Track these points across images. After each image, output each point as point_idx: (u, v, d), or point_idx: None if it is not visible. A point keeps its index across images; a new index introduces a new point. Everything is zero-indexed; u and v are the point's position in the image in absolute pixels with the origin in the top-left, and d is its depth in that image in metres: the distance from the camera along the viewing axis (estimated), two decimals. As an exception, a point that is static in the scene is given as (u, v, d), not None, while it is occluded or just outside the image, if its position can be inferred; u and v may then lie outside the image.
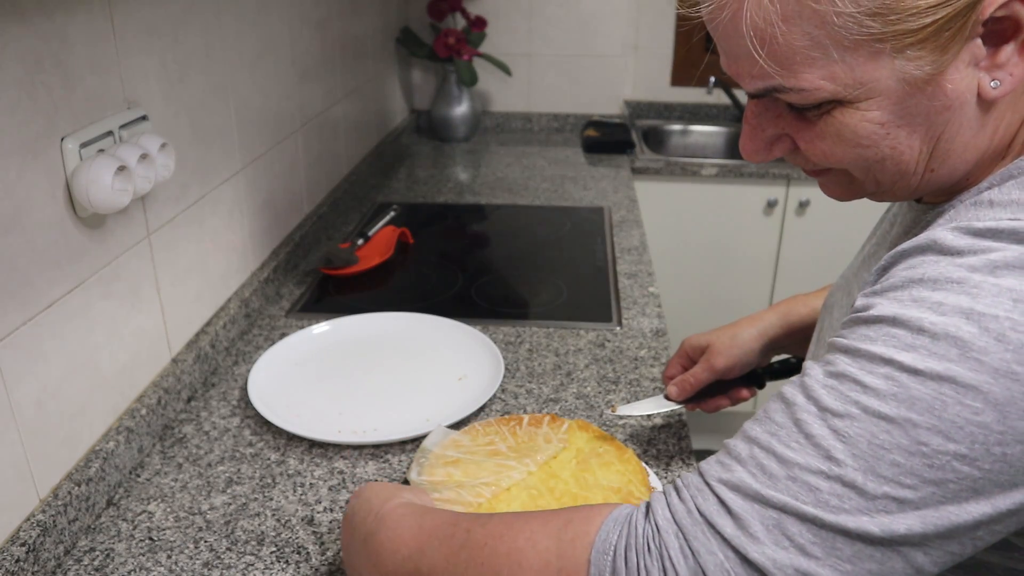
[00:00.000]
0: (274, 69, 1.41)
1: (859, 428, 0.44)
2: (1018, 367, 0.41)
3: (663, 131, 2.64)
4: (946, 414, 0.42)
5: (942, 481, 0.43)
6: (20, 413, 0.79)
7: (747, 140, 0.58)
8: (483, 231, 1.74)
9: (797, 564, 0.44)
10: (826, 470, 0.44)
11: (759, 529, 0.45)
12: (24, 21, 0.76)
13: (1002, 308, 0.42)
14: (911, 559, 0.44)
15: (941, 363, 0.43)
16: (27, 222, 0.78)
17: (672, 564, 0.47)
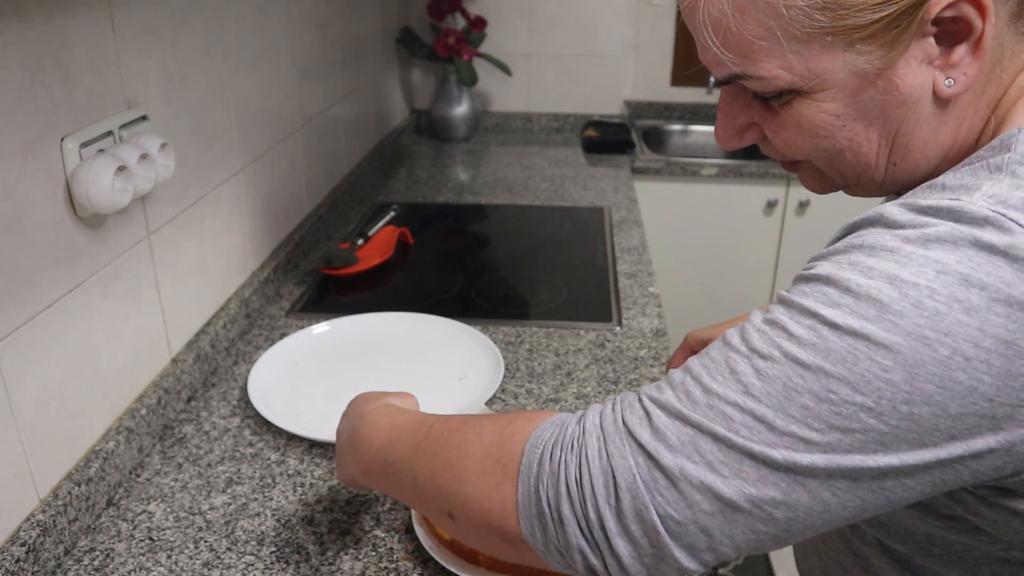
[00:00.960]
0: (274, 69, 1.41)
1: (778, 370, 0.47)
2: (930, 332, 0.43)
3: (663, 131, 2.64)
4: (857, 368, 0.45)
5: (848, 429, 0.45)
6: (20, 413, 0.79)
7: (720, 127, 0.61)
8: (483, 231, 1.74)
9: (704, 478, 0.47)
10: (741, 403, 0.47)
11: (675, 442, 0.48)
12: (24, 21, 0.76)
13: (924, 277, 0.44)
14: (817, 495, 0.46)
15: (859, 321, 0.45)
16: (27, 222, 0.78)
17: (587, 462, 0.50)
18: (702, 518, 0.48)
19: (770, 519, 0.47)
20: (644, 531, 0.49)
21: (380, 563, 0.81)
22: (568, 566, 0.53)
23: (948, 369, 0.43)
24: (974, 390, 0.43)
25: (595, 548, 0.51)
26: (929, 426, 0.44)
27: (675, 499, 0.48)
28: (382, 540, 0.84)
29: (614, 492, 0.50)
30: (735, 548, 0.49)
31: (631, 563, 0.50)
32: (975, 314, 0.43)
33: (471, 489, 0.56)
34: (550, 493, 0.52)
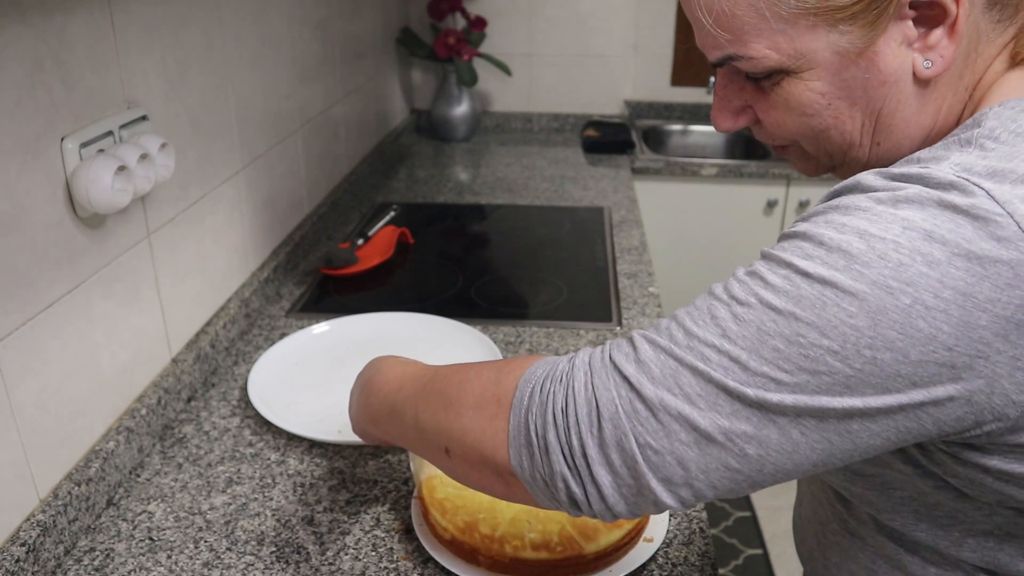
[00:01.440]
0: (274, 69, 1.41)
1: (753, 315, 0.50)
2: (893, 282, 0.46)
3: (663, 131, 2.64)
4: (824, 313, 0.47)
5: (815, 371, 0.48)
6: (20, 413, 0.79)
7: (716, 111, 0.64)
8: (483, 231, 1.74)
9: (682, 409, 0.50)
10: (719, 344, 0.50)
11: (657, 374, 0.51)
12: (24, 21, 0.76)
13: (891, 232, 0.47)
14: (786, 432, 0.49)
15: (829, 270, 0.48)
16: (27, 222, 0.78)
17: (573, 392, 0.54)
18: (679, 448, 0.50)
19: (743, 455, 0.50)
20: (624, 460, 0.52)
21: (380, 563, 0.81)
22: (552, 497, 0.56)
23: (909, 317, 0.46)
24: (934, 338, 0.46)
25: (577, 476, 0.54)
26: (891, 371, 0.47)
27: (654, 429, 0.51)
28: (382, 540, 0.84)
29: (597, 421, 0.52)
30: (710, 486, 0.52)
31: (610, 493, 0.53)
32: (936, 267, 0.46)
33: (467, 422, 0.59)
34: (538, 422, 0.55)
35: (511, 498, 0.60)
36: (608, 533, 0.78)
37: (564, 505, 0.56)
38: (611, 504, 0.54)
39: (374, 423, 0.73)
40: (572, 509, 0.56)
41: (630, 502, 0.53)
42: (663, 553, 0.82)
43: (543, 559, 0.76)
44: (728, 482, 0.51)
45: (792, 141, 0.63)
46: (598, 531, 0.78)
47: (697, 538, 0.84)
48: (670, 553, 0.82)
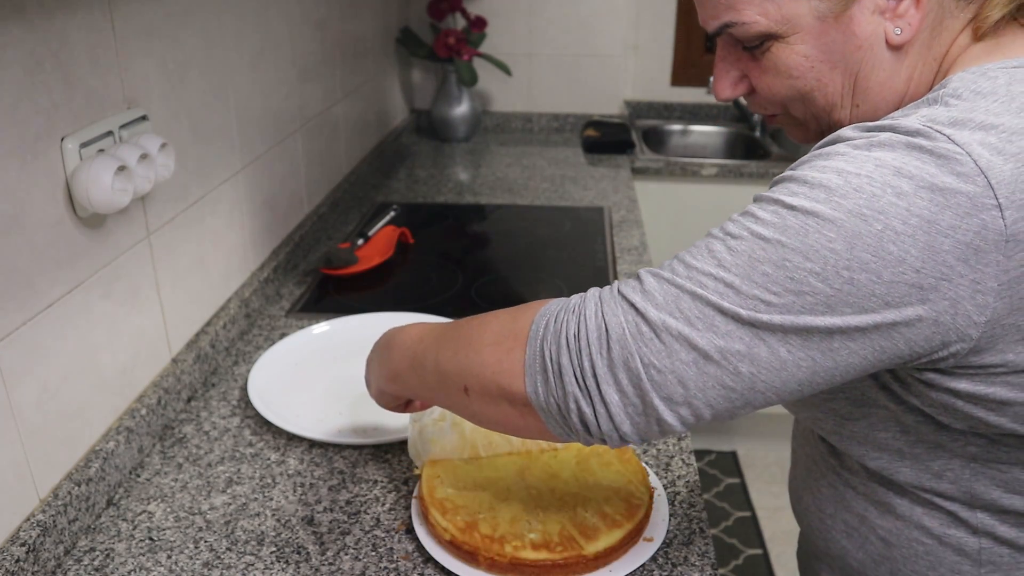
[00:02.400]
0: (274, 69, 1.41)
1: (745, 246, 0.56)
2: (867, 211, 0.52)
3: (663, 131, 2.64)
4: (808, 240, 0.53)
5: (800, 292, 0.53)
6: (20, 413, 0.79)
7: (717, 81, 0.72)
8: (483, 231, 1.74)
9: (682, 330, 0.55)
10: (715, 273, 0.56)
11: (660, 300, 0.57)
12: (24, 21, 0.76)
13: (865, 169, 0.54)
14: (775, 350, 0.54)
15: (811, 203, 0.54)
16: (27, 222, 0.78)
17: (584, 320, 0.59)
18: (679, 367, 0.56)
19: (736, 373, 0.55)
20: (630, 379, 0.57)
21: (380, 563, 0.81)
22: (564, 422, 0.60)
23: (881, 241, 0.52)
24: (903, 261, 0.52)
25: (587, 397, 0.58)
26: (866, 291, 0.52)
27: (658, 349, 0.56)
28: (382, 540, 0.84)
29: (606, 343, 0.57)
30: (707, 405, 0.57)
31: (617, 412, 0.58)
32: (904, 197, 0.52)
33: (485, 357, 0.64)
34: (552, 348, 0.60)
35: (526, 431, 0.64)
36: (608, 533, 0.78)
37: (575, 429, 0.60)
38: (618, 423, 0.58)
39: (394, 378, 0.77)
40: (583, 433, 0.60)
41: (635, 422, 0.58)
42: (663, 553, 0.82)
43: (543, 559, 0.76)
44: (724, 401, 0.56)
45: (782, 107, 0.70)
46: (598, 531, 0.78)
47: (697, 538, 0.84)
48: (670, 553, 0.82)
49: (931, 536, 0.68)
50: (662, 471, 0.94)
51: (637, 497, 0.82)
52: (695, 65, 2.62)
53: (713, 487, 2.42)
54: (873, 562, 0.73)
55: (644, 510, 0.81)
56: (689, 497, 0.90)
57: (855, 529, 0.73)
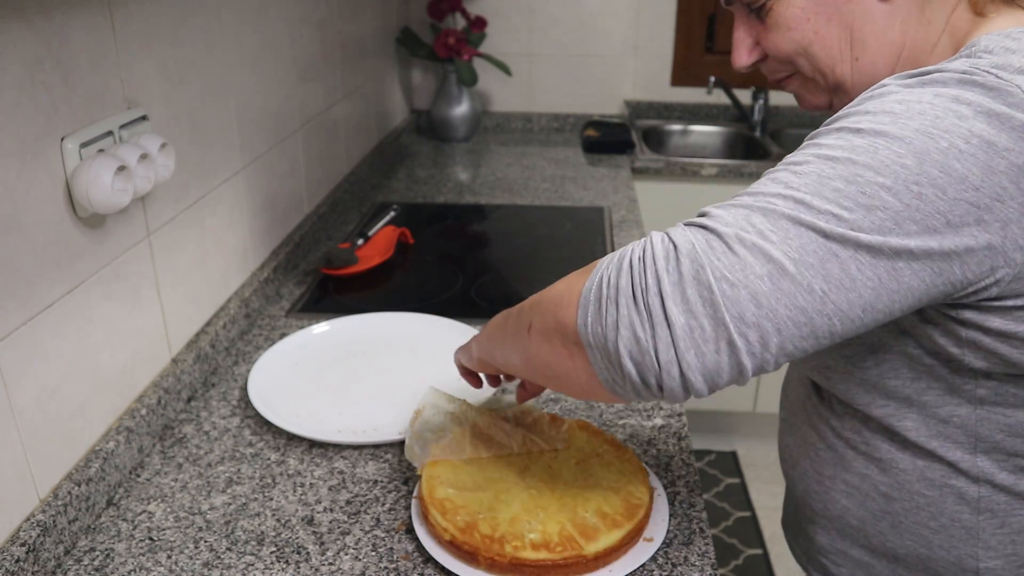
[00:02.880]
0: (274, 69, 1.41)
1: (812, 168, 0.57)
2: (933, 130, 0.55)
3: (663, 131, 2.64)
4: (878, 156, 0.55)
5: (871, 207, 0.54)
6: (20, 413, 0.79)
7: (734, 52, 0.78)
8: (483, 231, 1.74)
9: (756, 241, 0.54)
10: (784, 192, 0.56)
11: (730, 220, 0.56)
12: (24, 21, 0.76)
13: (925, 98, 0.57)
14: (845, 267, 0.54)
15: (878, 125, 0.57)
16: (27, 222, 0.78)
17: (651, 244, 0.57)
18: (753, 281, 0.54)
19: (809, 290, 0.54)
20: (700, 294, 0.54)
21: (380, 563, 0.81)
22: (609, 361, 0.57)
23: (947, 157, 0.55)
24: (965, 179, 0.54)
25: (647, 319, 0.55)
26: (932, 208, 0.54)
27: (731, 262, 0.54)
28: (382, 540, 0.84)
29: (675, 258, 0.55)
30: (777, 330, 0.54)
31: (683, 335, 0.54)
32: (964, 120, 0.55)
33: (552, 291, 0.64)
34: (612, 272, 0.58)
35: (573, 377, 0.62)
36: (608, 533, 0.78)
37: (623, 367, 0.56)
38: (681, 351, 0.54)
39: (485, 338, 0.78)
40: (632, 376, 0.57)
41: (701, 351, 0.54)
42: (663, 553, 0.82)
43: (543, 559, 0.76)
44: (792, 325, 0.54)
45: (791, 66, 0.75)
46: (598, 531, 0.78)
47: (697, 538, 0.84)
48: (670, 553, 0.82)
49: (933, 487, 0.71)
50: (662, 471, 0.94)
51: (637, 497, 0.82)
52: (695, 65, 2.62)
53: (713, 487, 2.42)
54: (873, 518, 0.75)
55: (644, 510, 0.81)
56: (689, 497, 0.90)
57: (856, 488, 0.76)
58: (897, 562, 0.76)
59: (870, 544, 0.77)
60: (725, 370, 0.55)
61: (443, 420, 0.91)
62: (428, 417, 0.92)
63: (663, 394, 0.57)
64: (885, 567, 0.78)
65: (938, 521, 0.72)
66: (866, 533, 0.77)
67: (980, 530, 0.71)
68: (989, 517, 0.71)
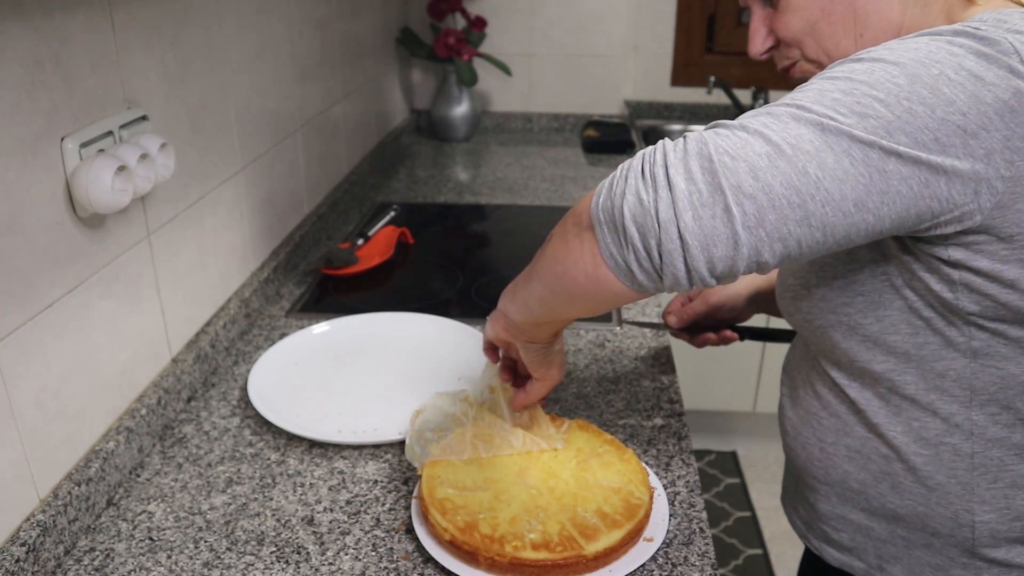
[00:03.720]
0: (274, 69, 1.41)
1: (814, 85, 0.63)
2: (925, 59, 0.61)
3: (663, 131, 2.64)
4: (874, 75, 0.61)
5: (864, 115, 0.59)
6: (20, 413, 0.79)
7: (750, 41, 0.85)
8: (483, 231, 1.74)
9: (758, 127, 0.60)
10: (786, 101, 0.62)
11: (747, 121, 0.61)
12: (24, 21, 0.76)
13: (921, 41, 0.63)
14: (839, 158, 0.59)
15: (877, 54, 0.63)
16: (27, 222, 0.78)
17: (663, 143, 0.63)
18: (752, 157, 0.59)
19: (804, 173, 0.59)
20: (701, 164, 0.59)
21: (380, 563, 0.81)
22: (615, 223, 0.62)
23: (937, 82, 0.60)
24: (952, 103, 0.59)
25: (650, 183, 0.60)
26: (921, 124, 0.59)
27: (733, 141, 0.60)
28: (382, 540, 0.84)
29: (682, 142, 0.62)
30: (772, 206, 0.58)
31: (682, 197, 0.59)
32: (955, 56, 0.61)
33: (576, 204, 0.70)
34: (626, 164, 0.64)
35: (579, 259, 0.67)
36: (608, 533, 0.78)
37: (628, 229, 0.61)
38: (679, 210, 0.59)
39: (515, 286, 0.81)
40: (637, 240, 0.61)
41: (698, 214, 0.59)
42: (663, 553, 0.82)
43: (543, 559, 0.76)
44: (786, 204, 0.59)
45: (799, 49, 0.81)
46: (598, 531, 0.78)
47: (697, 538, 0.84)
48: (670, 553, 0.82)
49: (929, 446, 0.75)
50: (662, 471, 0.94)
51: (637, 497, 0.82)
52: (695, 65, 2.62)
53: (713, 487, 2.42)
54: (874, 480, 0.80)
55: (644, 510, 0.81)
56: (689, 497, 0.90)
57: (857, 452, 0.80)
58: (896, 522, 0.80)
59: (870, 507, 0.81)
60: (721, 239, 0.59)
61: (443, 420, 0.91)
62: (428, 417, 0.92)
63: (662, 264, 0.61)
64: (884, 528, 0.81)
65: (935, 479, 0.76)
66: (866, 496, 0.81)
67: (975, 485, 0.75)
68: (983, 472, 0.75)
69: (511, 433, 0.89)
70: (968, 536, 0.77)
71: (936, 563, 0.80)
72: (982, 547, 0.77)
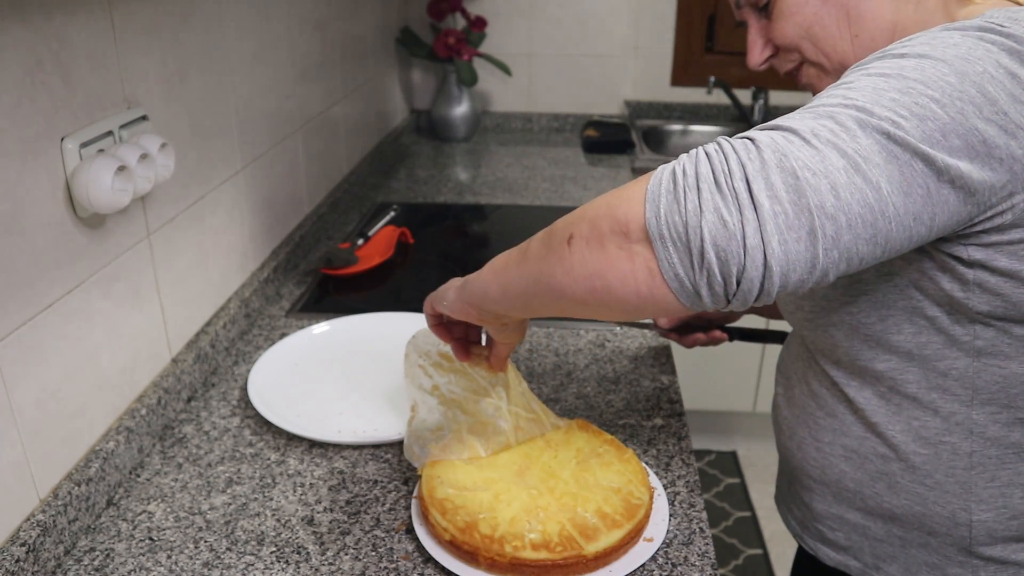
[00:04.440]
0: (274, 69, 1.41)
1: (866, 83, 0.60)
2: (968, 55, 0.60)
3: (663, 131, 2.64)
4: (925, 73, 0.59)
5: (923, 117, 0.57)
6: (20, 413, 0.79)
7: (749, 52, 0.84)
8: (483, 231, 1.74)
9: (831, 137, 0.56)
10: (845, 102, 0.58)
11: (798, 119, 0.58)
12: (24, 21, 0.76)
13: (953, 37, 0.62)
14: (904, 170, 0.56)
15: (920, 49, 0.61)
16: (27, 222, 0.78)
17: (726, 141, 0.58)
18: (832, 172, 0.55)
19: (877, 188, 0.56)
20: (784, 179, 0.54)
21: (380, 563, 0.81)
22: (687, 249, 0.55)
23: (982, 79, 0.59)
24: (996, 101, 0.59)
25: (734, 201, 0.54)
26: (971, 124, 0.58)
27: (810, 153, 0.55)
28: (382, 540, 0.84)
29: (755, 150, 0.55)
30: (849, 226, 0.55)
31: (768, 219, 0.53)
32: (992, 53, 0.60)
33: (605, 200, 0.62)
34: (687, 165, 0.57)
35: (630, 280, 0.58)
36: (608, 533, 0.78)
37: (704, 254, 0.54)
38: (767, 235, 0.53)
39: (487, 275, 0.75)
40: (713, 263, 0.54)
41: (784, 238, 0.53)
42: (663, 553, 0.82)
43: (543, 559, 0.76)
44: (860, 223, 0.55)
45: (796, 54, 0.80)
46: (598, 531, 0.78)
47: (697, 538, 0.84)
48: (670, 553, 0.82)
49: (927, 445, 0.75)
50: (662, 471, 0.94)
51: (637, 497, 0.82)
52: (695, 65, 2.62)
53: (713, 487, 2.43)
54: (871, 479, 0.80)
55: (644, 510, 0.81)
56: (689, 497, 0.90)
57: (854, 451, 0.80)
58: (893, 522, 0.80)
59: (866, 506, 0.81)
60: (801, 263, 0.54)
61: (440, 419, 0.91)
62: (424, 416, 0.92)
63: (737, 289, 0.55)
64: (880, 527, 0.81)
65: (933, 478, 0.76)
66: (863, 496, 0.81)
67: (972, 484, 0.75)
68: (981, 471, 0.75)
69: (507, 422, 0.89)
70: (965, 535, 0.77)
71: (932, 562, 0.80)
72: (979, 545, 0.77)
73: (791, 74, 0.84)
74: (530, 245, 0.71)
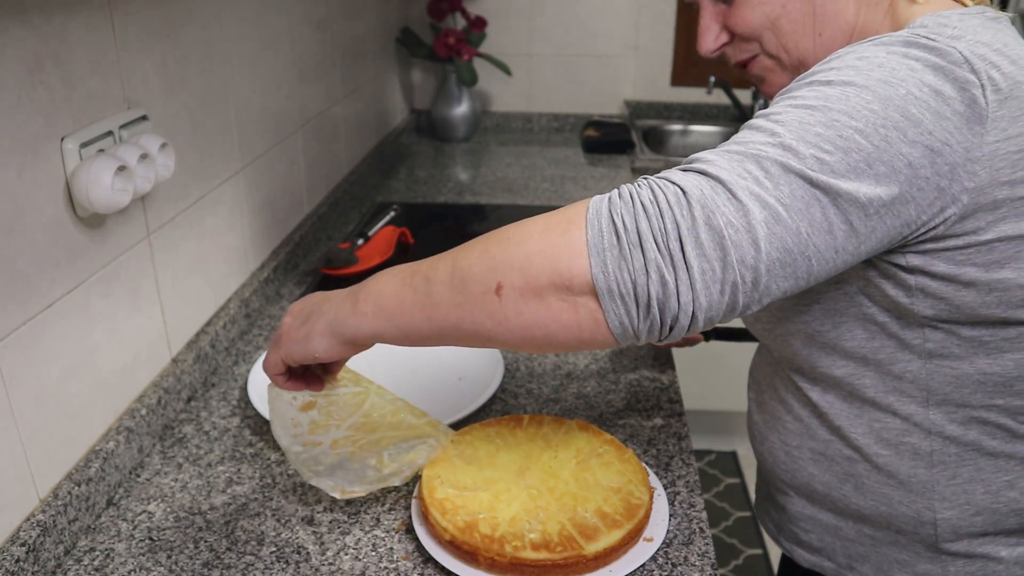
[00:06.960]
0: (274, 69, 1.41)
1: (792, 116, 0.61)
2: (891, 79, 0.61)
3: (663, 131, 2.64)
4: (849, 103, 0.60)
5: (848, 149, 0.59)
6: (20, 413, 0.79)
7: (700, 39, 0.83)
8: (483, 231, 1.73)
9: (752, 188, 0.58)
10: (771, 140, 0.60)
11: (726, 166, 0.59)
12: (24, 21, 0.76)
13: (879, 54, 0.63)
14: (826, 212, 0.59)
15: (846, 76, 0.62)
16: (27, 222, 0.78)
17: (659, 187, 0.60)
18: (754, 226, 0.57)
19: (797, 233, 0.58)
20: (712, 239, 0.57)
21: (380, 563, 0.81)
22: (634, 302, 0.59)
23: (906, 103, 0.60)
24: (920, 122, 0.60)
25: (670, 262, 0.58)
26: (896, 151, 0.60)
27: (734, 208, 0.57)
28: (382, 540, 0.84)
29: (687, 204, 0.58)
30: (769, 271, 0.58)
31: (698, 277, 0.57)
32: (915, 71, 0.61)
33: (533, 245, 0.61)
34: (626, 218, 0.59)
35: (574, 329, 0.61)
36: (608, 533, 0.78)
37: (648, 307, 0.58)
38: (698, 292, 0.58)
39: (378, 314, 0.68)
40: (654, 315, 0.59)
41: (710, 292, 0.58)
42: (663, 553, 0.82)
43: (543, 559, 0.76)
44: (779, 266, 0.58)
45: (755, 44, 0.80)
46: (598, 531, 0.78)
47: (697, 538, 0.84)
48: (670, 553, 0.82)
49: (889, 446, 0.77)
50: (662, 471, 0.94)
51: (637, 497, 0.82)
52: (695, 65, 2.62)
53: (713, 487, 2.42)
54: (838, 481, 0.81)
55: (644, 510, 0.81)
56: (689, 497, 0.90)
57: (821, 454, 0.82)
58: (863, 522, 0.82)
59: (836, 507, 0.83)
60: (723, 309, 0.59)
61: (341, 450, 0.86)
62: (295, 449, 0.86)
63: (669, 334, 0.61)
64: (851, 528, 0.83)
65: (896, 478, 0.78)
66: (832, 497, 0.83)
67: (935, 483, 0.77)
68: (942, 469, 0.76)
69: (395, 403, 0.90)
70: (931, 533, 0.78)
71: (903, 559, 0.81)
72: (945, 542, 0.78)
73: (742, 64, 0.83)
74: (431, 287, 0.66)
